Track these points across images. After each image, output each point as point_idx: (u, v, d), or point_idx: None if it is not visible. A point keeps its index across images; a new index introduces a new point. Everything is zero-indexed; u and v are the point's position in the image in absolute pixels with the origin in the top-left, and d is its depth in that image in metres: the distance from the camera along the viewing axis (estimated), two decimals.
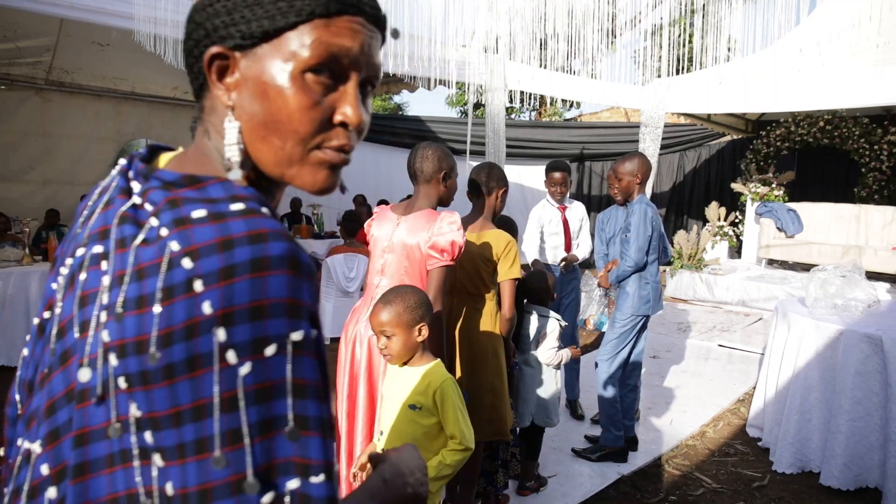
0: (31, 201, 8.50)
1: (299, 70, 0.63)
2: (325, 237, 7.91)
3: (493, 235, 2.55)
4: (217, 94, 0.66)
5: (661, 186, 12.14)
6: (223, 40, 0.63)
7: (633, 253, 3.26)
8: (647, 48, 7.65)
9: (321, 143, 0.66)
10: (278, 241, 0.57)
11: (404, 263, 2.19)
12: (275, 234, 0.57)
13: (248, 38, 0.63)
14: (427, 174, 2.25)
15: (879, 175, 8.79)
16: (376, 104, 20.57)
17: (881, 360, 2.99)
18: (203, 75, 0.66)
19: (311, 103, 0.64)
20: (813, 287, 3.51)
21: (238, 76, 0.64)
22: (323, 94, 0.65)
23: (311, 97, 0.64)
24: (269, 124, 0.64)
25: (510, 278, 2.52)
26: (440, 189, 2.28)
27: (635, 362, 3.50)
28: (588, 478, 3.20)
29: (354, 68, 0.66)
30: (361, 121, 0.67)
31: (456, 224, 2.14)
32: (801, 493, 3.08)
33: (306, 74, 0.63)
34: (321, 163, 0.67)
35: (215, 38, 0.64)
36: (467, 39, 6.34)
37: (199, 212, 0.57)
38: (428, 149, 2.28)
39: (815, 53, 6.14)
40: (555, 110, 18.04)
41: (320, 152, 0.67)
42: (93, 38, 7.25)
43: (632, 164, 3.35)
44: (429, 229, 2.14)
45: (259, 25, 0.62)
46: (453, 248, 2.11)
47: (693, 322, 6.93)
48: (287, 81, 0.63)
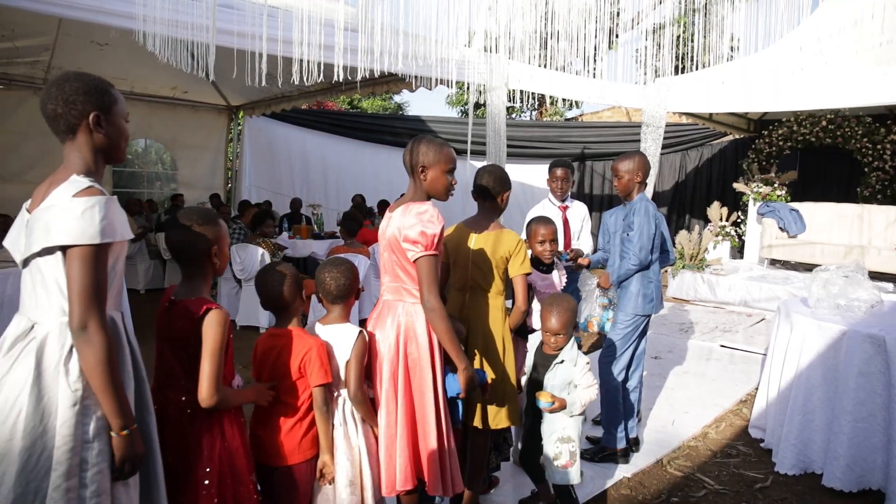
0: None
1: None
2: (325, 237, 7.89)
3: (505, 235, 2.63)
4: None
5: (662, 186, 12.12)
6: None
7: (638, 251, 3.23)
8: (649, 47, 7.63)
9: None
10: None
11: (393, 257, 2.25)
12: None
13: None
14: (408, 167, 2.32)
15: (882, 174, 8.76)
16: (376, 104, 20.55)
17: (884, 361, 2.96)
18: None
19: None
20: (815, 287, 3.48)
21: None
22: None
23: None
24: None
25: (521, 273, 2.61)
26: (425, 182, 2.29)
27: (637, 363, 3.48)
28: (590, 479, 3.17)
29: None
30: None
31: (426, 215, 2.16)
32: (804, 494, 3.06)
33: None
34: None
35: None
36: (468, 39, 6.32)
37: None
38: (414, 142, 2.32)
39: (817, 52, 6.12)
40: (555, 110, 18.01)
41: None
42: (92, 37, 7.24)
43: (632, 162, 3.33)
44: (401, 221, 2.20)
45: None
46: (425, 238, 2.12)
47: (695, 322, 6.90)
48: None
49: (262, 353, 2.16)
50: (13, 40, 7.09)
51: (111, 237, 1.51)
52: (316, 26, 4.64)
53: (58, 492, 1.43)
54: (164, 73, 8.08)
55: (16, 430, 1.45)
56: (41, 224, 1.49)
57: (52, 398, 1.48)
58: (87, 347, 1.48)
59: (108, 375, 1.49)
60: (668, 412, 4.14)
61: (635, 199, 3.35)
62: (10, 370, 1.49)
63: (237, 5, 4.75)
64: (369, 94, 13.07)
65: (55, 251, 1.49)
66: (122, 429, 1.53)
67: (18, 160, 8.70)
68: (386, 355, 2.23)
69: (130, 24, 4.43)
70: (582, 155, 12.59)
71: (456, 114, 19.67)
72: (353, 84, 7.28)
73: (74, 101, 1.56)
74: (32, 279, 1.55)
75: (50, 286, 1.53)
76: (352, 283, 2.25)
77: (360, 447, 2.19)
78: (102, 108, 1.60)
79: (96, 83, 1.60)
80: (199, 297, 1.85)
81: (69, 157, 1.59)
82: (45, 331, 1.52)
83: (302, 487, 2.10)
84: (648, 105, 7.09)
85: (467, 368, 2.23)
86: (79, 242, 1.46)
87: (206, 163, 11.32)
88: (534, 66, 6.50)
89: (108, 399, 1.51)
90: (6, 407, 1.47)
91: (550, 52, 6.44)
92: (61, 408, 1.47)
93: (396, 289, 2.28)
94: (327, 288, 2.22)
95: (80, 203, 1.47)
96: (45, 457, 1.45)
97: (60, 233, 1.46)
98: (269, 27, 4.60)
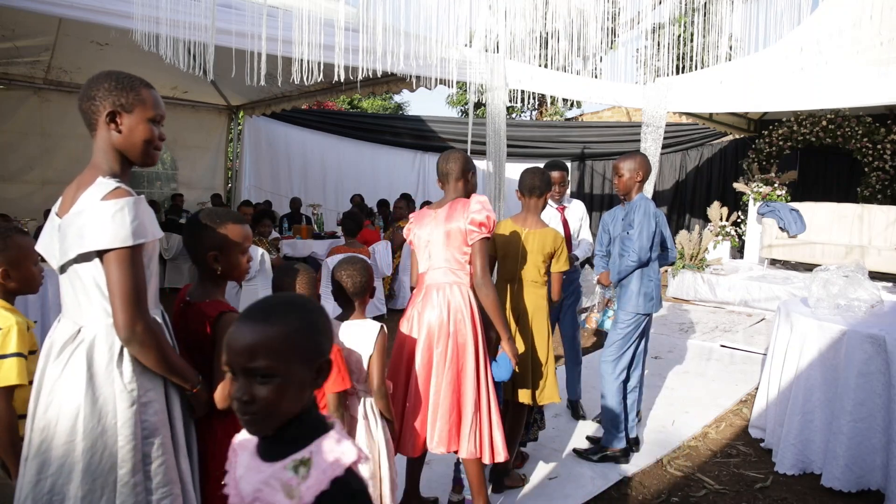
0: (30, 201, 8.48)
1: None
2: (325, 237, 7.89)
3: (551, 233, 2.99)
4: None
5: (663, 186, 12.11)
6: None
7: (637, 248, 3.24)
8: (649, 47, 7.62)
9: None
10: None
11: (448, 244, 2.56)
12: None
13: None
14: (457, 174, 2.66)
15: (883, 174, 8.75)
16: (376, 104, 20.55)
17: (884, 361, 2.96)
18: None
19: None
20: (816, 287, 3.48)
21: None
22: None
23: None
24: None
25: (560, 270, 3.02)
26: (467, 186, 2.69)
27: (637, 363, 3.48)
28: (590, 479, 3.17)
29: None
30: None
31: (485, 202, 2.55)
32: (804, 494, 3.06)
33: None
34: None
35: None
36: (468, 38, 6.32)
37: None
38: (455, 153, 2.72)
39: (816, 52, 6.11)
40: (556, 110, 18.01)
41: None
42: (91, 37, 7.24)
43: (633, 161, 3.35)
44: (465, 212, 2.53)
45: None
46: (489, 222, 2.51)
47: (695, 322, 6.90)
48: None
49: None
50: (13, 40, 7.09)
51: (143, 237, 1.51)
52: (316, 26, 4.63)
53: (126, 487, 1.50)
54: (164, 73, 8.06)
55: (76, 432, 1.49)
56: (74, 230, 1.49)
57: (107, 399, 1.52)
58: (143, 349, 1.52)
59: (170, 362, 1.59)
60: (668, 412, 4.14)
61: (635, 199, 3.36)
62: (62, 374, 1.52)
63: (237, 5, 4.74)
64: (369, 94, 13.07)
65: (91, 256, 1.50)
66: (195, 385, 1.67)
67: (18, 160, 8.71)
68: (436, 331, 2.50)
69: (130, 24, 4.42)
70: (582, 155, 12.59)
71: (456, 114, 19.67)
72: (353, 84, 7.28)
73: (94, 97, 1.57)
74: (72, 284, 1.56)
75: (90, 290, 1.54)
76: (368, 281, 2.33)
77: (379, 441, 2.25)
78: (120, 105, 1.58)
79: (122, 82, 1.60)
80: (214, 300, 1.83)
81: (94, 155, 1.61)
82: (93, 333, 1.54)
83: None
84: (648, 105, 7.09)
85: (511, 339, 2.59)
86: (113, 246, 1.47)
87: (206, 163, 11.32)
88: (534, 66, 6.49)
89: (178, 377, 1.63)
90: (64, 409, 1.50)
91: (550, 52, 6.43)
92: (120, 408, 1.52)
93: (446, 271, 2.57)
94: (345, 286, 2.29)
95: (110, 206, 1.47)
96: (107, 454, 1.50)
97: (94, 238, 1.47)
98: (269, 27, 4.59)
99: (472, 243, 2.51)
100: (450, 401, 2.47)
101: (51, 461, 1.49)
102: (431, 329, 2.52)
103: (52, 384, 1.53)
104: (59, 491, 1.48)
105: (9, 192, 8.50)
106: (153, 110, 1.64)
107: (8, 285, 1.90)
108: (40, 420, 1.52)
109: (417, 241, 2.69)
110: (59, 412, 1.50)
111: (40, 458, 1.50)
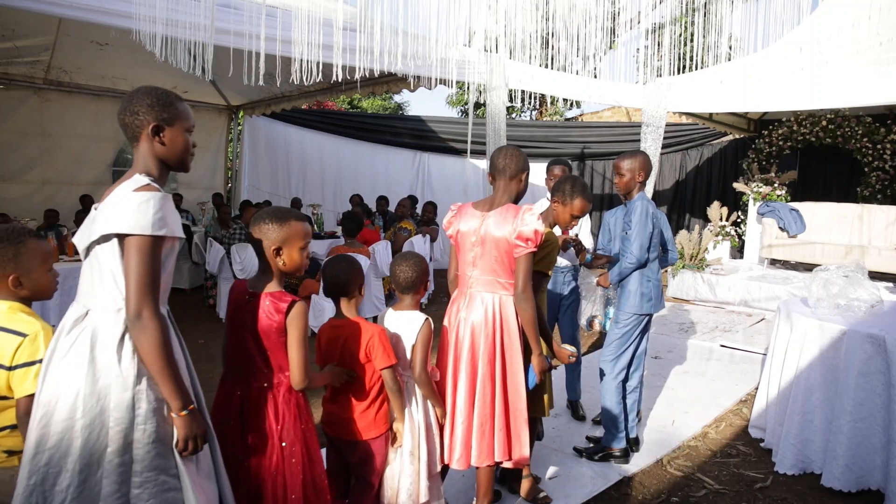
0: (29, 201, 8.49)
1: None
2: (325, 237, 7.88)
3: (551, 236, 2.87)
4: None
5: (663, 186, 12.11)
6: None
7: (635, 249, 3.24)
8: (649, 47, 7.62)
9: None
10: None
11: (493, 253, 2.49)
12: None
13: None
14: (512, 171, 2.56)
15: (882, 174, 8.75)
16: (376, 103, 20.55)
17: (884, 361, 2.96)
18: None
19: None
20: (816, 287, 3.48)
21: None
22: None
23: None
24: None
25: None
26: (520, 186, 2.61)
27: (637, 363, 3.47)
28: (590, 479, 3.17)
29: None
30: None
31: (536, 215, 2.46)
32: (804, 494, 3.05)
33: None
34: None
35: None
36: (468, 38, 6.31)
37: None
38: (513, 149, 2.61)
39: (816, 52, 6.11)
40: (555, 110, 18.02)
41: None
42: (91, 37, 7.23)
43: (634, 161, 3.35)
44: (514, 222, 2.45)
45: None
46: (536, 237, 2.43)
47: (695, 322, 6.89)
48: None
49: (327, 341, 2.35)
50: (13, 40, 7.09)
51: (163, 230, 1.62)
52: (315, 26, 4.64)
53: (111, 465, 1.58)
54: (164, 73, 8.05)
55: (76, 408, 1.58)
56: (102, 215, 1.63)
57: (106, 381, 1.60)
58: (143, 334, 1.59)
59: (164, 360, 1.61)
60: (668, 412, 4.14)
61: (635, 199, 3.36)
62: (68, 352, 1.62)
63: (236, 5, 4.74)
64: (369, 94, 13.06)
65: (111, 238, 1.61)
66: (181, 409, 1.65)
67: (18, 160, 8.71)
68: (482, 343, 2.47)
69: (130, 23, 4.42)
70: (582, 155, 12.59)
71: (456, 114, 19.67)
72: (352, 84, 7.28)
73: (137, 111, 1.71)
74: (90, 268, 1.68)
75: (105, 275, 1.64)
76: (420, 276, 2.48)
77: (419, 422, 2.41)
78: (163, 120, 1.73)
79: (161, 98, 1.74)
80: (279, 291, 1.99)
81: (135, 160, 1.76)
82: (99, 318, 1.64)
83: (378, 458, 2.34)
84: (648, 105, 7.09)
85: (541, 354, 2.56)
86: (133, 232, 1.58)
87: (206, 163, 11.32)
88: (534, 66, 6.49)
89: (166, 382, 1.63)
90: (66, 386, 1.60)
91: (550, 52, 6.43)
92: (114, 391, 1.60)
93: (490, 282, 2.51)
94: (397, 279, 2.47)
95: (138, 196, 1.60)
96: (103, 433, 1.59)
97: (117, 222, 1.58)
98: (268, 27, 4.60)
99: (517, 257, 2.45)
100: (503, 416, 2.47)
101: (50, 435, 1.58)
102: (476, 335, 2.49)
103: (58, 363, 1.62)
104: (57, 464, 1.57)
105: (9, 192, 8.50)
106: (188, 121, 1.81)
107: (20, 293, 1.85)
108: (44, 396, 1.61)
109: (462, 239, 2.61)
110: (62, 389, 1.59)
111: (40, 432, 1.58)
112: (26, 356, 1.74)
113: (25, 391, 1.72)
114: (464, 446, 2.45)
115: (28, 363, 1.74)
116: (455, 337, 2.54)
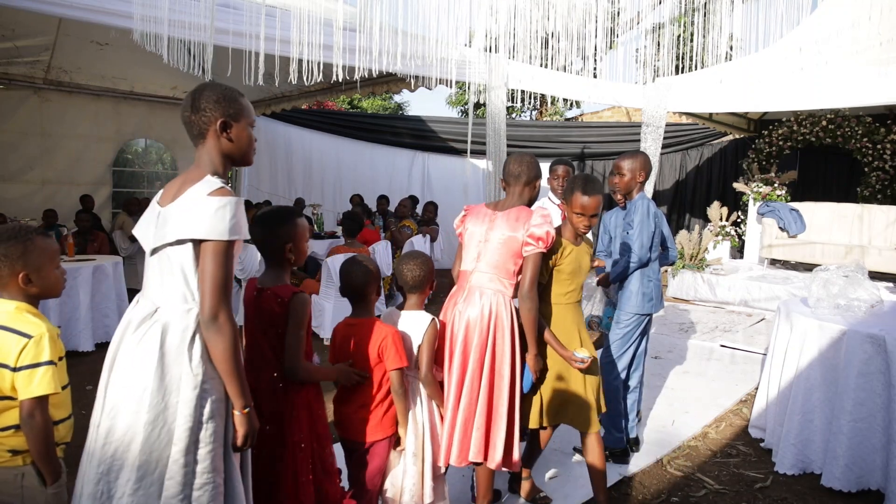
0: (29, 201, 8.48)
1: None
2: (325, 237, 7.89)
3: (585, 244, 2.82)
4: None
5: (663, 186, 12.11)
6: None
7: (637, 248, 3.24)
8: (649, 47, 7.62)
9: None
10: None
11: (499, 252, 2.53)
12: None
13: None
14: (528, 178, 2.61)
15: (882, 174, 8.75)
16: (376, 103, 20.55)
17: (884, 361, 2.95)
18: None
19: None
20: (816, 287, 3.48)
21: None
22: None
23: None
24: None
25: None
26: (533, 192, 2.66)
27: (637, 363, 3.47)
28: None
29: None
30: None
31: (548, 217, 2.50)
32: (804, 494, 3.05)
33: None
34: None
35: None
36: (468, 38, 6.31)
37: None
38: (528, 157, 2.66)
39: (816, 52, 6.11)
40: (556, 110, 18.01)
41: None
42: (91, 37, 7.23)
43: (635, 161, 3.34)
44: (526, 222, 2.49)
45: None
46: (547, 238, 2.46)
47: (695, 322, 6.89)
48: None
49: (341, 340, 2.38)
50: (13, 40, 7.09)
51: (239, 235, 1.66)
52: (315, 26, 4.63)
53: (176, 465, 1.60)
54: (164, 73, 8.07)
55: (142, 404, 1.61)
56: (177, 218, 1.64)
57: (173, 378, 1.63)
58: (218, 336, 1.63)
59: (234, 362, 1.66)
60: (668, 412, 4.14)
61: (636, 198, 3.36)
62: (136, 348, 1.65)
63: (236, 5, 4.74)
64: (369, 94, 13.06)
65: (186, 243, 1.64)
66: (244, 408, 1.71)
67: (18, 160, 8.70)
68: (475, 339, 2.47)
69: (130, 23, 4.42)
70: (582, 155, 12.58)
71: (456, 114, 19.67)
72: (352, 84, 7.27)
73: (204, 108, 1.72)
74: (161, 266, 1.70)
75: (176, 274, 1.67)
76: (427, 274, 2.50)
77: (423, 423, 2.43)
78: (229, 115, 1.74)
79: (226, 93, 1.76)
80: (284, 285, 2.09)
81: (201, 158, 1.76)
82: (169, 315, 1.66)
83: (381, 460, 2.38)
84: (648, 105, 7.09)
85: (537, 355, 2.55)
86: (211, 237, 1.61)
87: None
88: (534, 66, 6.49)
89: (234, 383, 1.68)
90: (134, 381, 1.63)
91: (551, 52, 6.43)
92: (183, 389, 1.63)
93: (491, 279, 2.53)
94: (404, 278, 2.48)
95: (215, 202, 1.62)
96: (165, 430, 1.62)
97: (196, 227, 1.61)
98: (268, 26, 4.59)
99: (526, 256, 2.49)
100: (485, 417, 2.46)
101: (117, 427, 1.62)
102: (468, 336, 2.50)
103: (126, 358, 1.66)
104: (121, 457, 1.61)
105: (9, 192, 8.49)
106: (251, 117, 1.84)
107: (30, 290, 1.84)
108: (112, 390, 1.65)
109: (469, 237, 2.64)
110: (130, 384, 1.63)
111: (110, 422, 1.63)
112: (31, 358, 1.74)
113: (29, 393, 1.72)
114: (447, 444, 2.47)
115: (33, 365, 1.73)
116: (451, 331, 2.55)
